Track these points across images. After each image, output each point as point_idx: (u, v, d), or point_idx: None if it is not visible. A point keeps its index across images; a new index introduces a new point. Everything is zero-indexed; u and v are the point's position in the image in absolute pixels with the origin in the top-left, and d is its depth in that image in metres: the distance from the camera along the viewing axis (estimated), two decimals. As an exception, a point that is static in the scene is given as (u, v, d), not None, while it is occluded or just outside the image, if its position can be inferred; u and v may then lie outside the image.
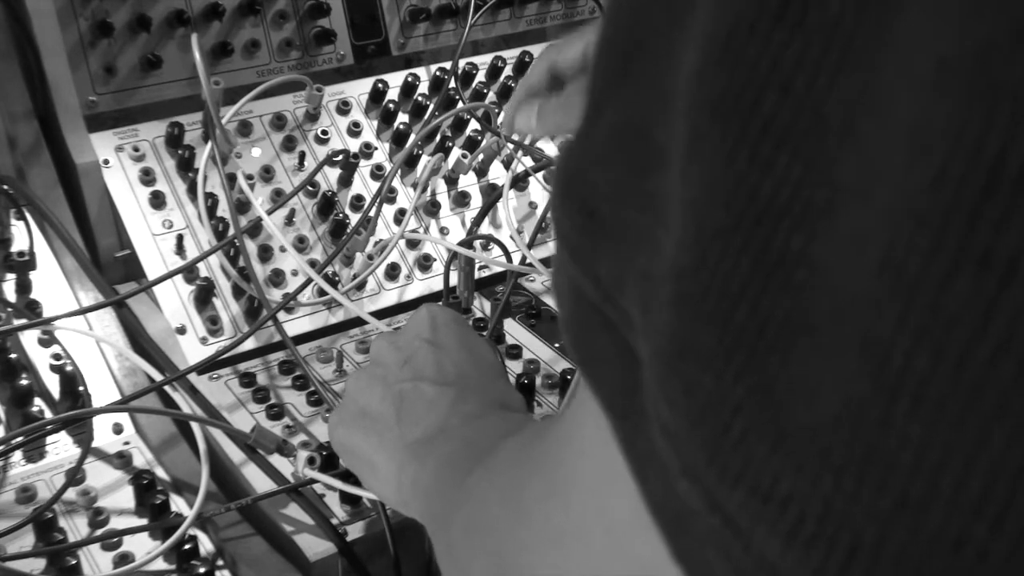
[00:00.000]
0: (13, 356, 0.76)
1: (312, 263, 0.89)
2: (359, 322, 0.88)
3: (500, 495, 0.40)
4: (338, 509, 0.71)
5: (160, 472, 0.73)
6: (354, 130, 1.00)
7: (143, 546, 0.67)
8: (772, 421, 0.19)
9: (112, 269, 0.90)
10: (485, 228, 0.98)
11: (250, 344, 0.84)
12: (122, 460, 0.73)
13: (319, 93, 0.97)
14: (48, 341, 0.79)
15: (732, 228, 0.20)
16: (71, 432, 0.74)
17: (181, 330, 0.84)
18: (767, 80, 0.19)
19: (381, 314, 0.90)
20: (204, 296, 0.86)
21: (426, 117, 1.02)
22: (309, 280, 0.86)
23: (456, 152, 1.01)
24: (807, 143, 0.19)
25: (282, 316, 0.85)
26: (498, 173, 1.03)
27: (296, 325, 0.87)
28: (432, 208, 0.98)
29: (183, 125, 0.92)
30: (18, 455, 0.72)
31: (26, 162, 0.89)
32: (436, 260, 0.96)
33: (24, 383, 0.74)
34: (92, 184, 0.89)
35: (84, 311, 0.81)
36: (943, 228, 0.16)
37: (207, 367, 0.81)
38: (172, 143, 0.92)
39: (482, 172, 1.02)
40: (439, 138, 1.01)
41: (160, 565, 0.66)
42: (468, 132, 1.04)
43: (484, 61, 1.10)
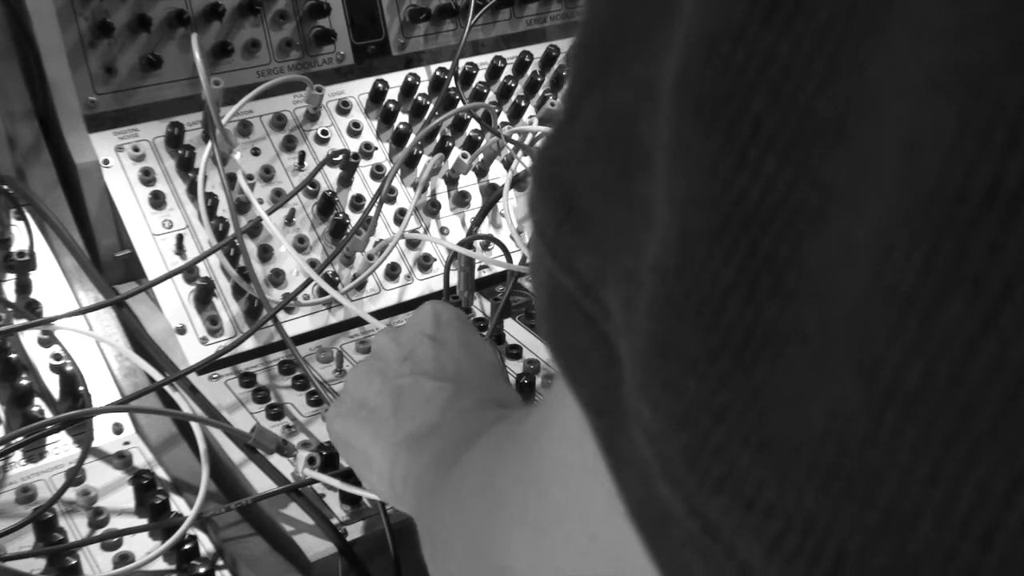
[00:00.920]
0: (13, 356, 0.76)
1: (312, 263, 0.89)
2: (359, 322, 0.88)
3: (478, 479, 0.40)
4: (338, 509, 0.71)
5: (160, 472, 0.73)
6: (354, 130, 1.00)
7: (143, 546, 0.67)
8: (756, 428, 0.19)
9: (112, 269, 0.90)
10: (485, 228, 0.98)
11: (250, 344, 0.84)
12: (122, 460, 0.73)
13: (319, 93, 0.97)
14: (48, 341, 0.79)
15: (719, 230, 0.20)
16: (71, 432, 0.74)
17: (181, 330, 0.84)
18: (755, 83, 0.19)
19: (381, 314, 0.90)
20: (204, 296, 0.86)
21: (426, 117, 1.02)
22: (309, 280, 0.86)
23: (456, 152, 1.01)
24: (797, 147, 0.19)
25: (282, 316, 0.85)
26: (498, 173, 1.03)
27: (296, 325, 0.87)
28: (432, 208, 0.98)
29: (183, 125, 0.92)
30: (18, 455, 0.72)
31: (26, 162, 0.89)
32: (436, 260, 0.96)
33: (24, 383, 0.74)
34: (92, 184, 0.89)
35: (84, 311, 0.81)
36: (937, 245, 0.16)
37: (207, 367, 0.81)
38: (172, 143, 0.92)
39: (482, 172, 1.03)
40: (439, 138, 1.01)
41: (160, 565, 0.66)
42: (468, 132, 1.04)
43: (484, 61, 1.10)
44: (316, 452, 0.71)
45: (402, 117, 1.02)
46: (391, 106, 1.02)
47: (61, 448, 0.74)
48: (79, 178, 0.89)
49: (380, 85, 1.02)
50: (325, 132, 0.98)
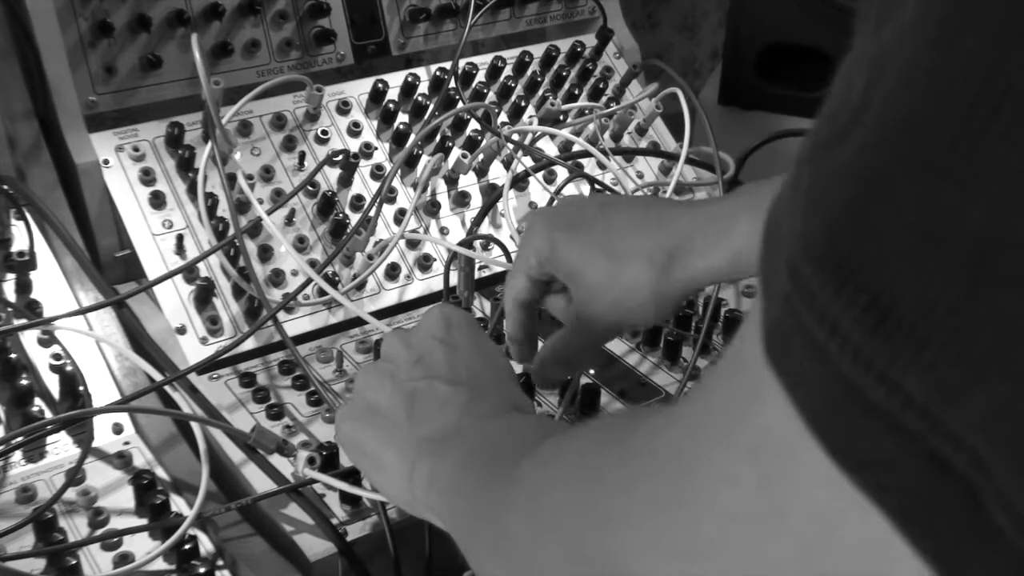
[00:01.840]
0: (13, 356, 0.76)
1: (312, 263, 0.89)
2: (359, 322, 0.88)
3: (573, 488, 0.40)
4: (338, 509, 0.71)
5: (160, 472, 0.73)
6: (354, 130, 1.00)
7: (143, 546, 0.67)
8: None
9: (112, 269, 0.90)
10: (485, 228, 0.98)
11: (250, 344, 0.84)
12: (122, 460, 0.73)
13: (319, 93, 0.97)
14: (48, 341, 0.79)
15: None
16: (71, 432, 0.74)
17: (181, 330, 0.84)
18: None
19: (381, 314, 0.90)
20: (204, 296, 0.86)
21: (426, 117, 1.02)
22: (309, 280, 0.86)
23: (456, 152, 1.01)
24: None
25: (282, 316, 0.85)
26: (498, 173, 1.03)
27: (296, 325, 0.87)
28: (432, 208, 0.98)
29: (183, 125, 0.92)
30: (18, 455, 0.72)
31: (26, 162, 0.89)
32: (436, 260, 0.96)
33: (24, 383, 0.74)
34: (92, 184, 0.89)
35: (84, 311, 0.81)
36: None
37: (207, 367, 0.81)
38: (172, 143, 0.92)
39: (482, 172, 1.03)
40: (439, 138, 1.01)
41: (160, 565, 0.66)
42: (468, 132, 1.04)
43: (484, 61, 1.10)
44: (316, 452, 0.71)
45: (402, 117, 1.02)
46: (391, 106, 1.02)
47: (61, 448, 0.74)
48: (79, 178, 0.89)
49: (380, 85, 1.02)
50: (325, 132, 0.98)
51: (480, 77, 1.09)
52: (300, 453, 0.71)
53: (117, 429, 0.76)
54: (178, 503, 0.71)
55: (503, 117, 1.07)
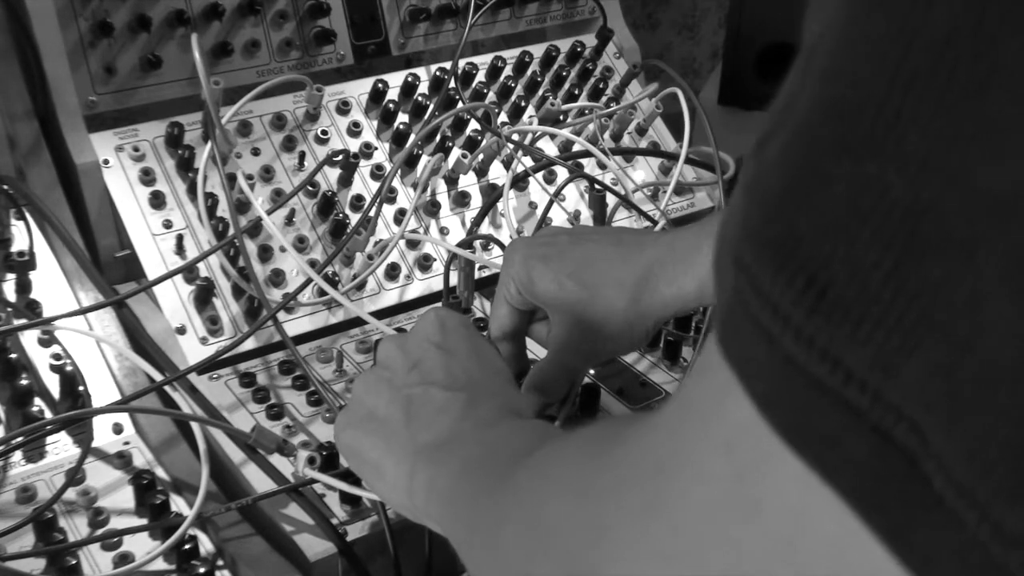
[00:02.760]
0: (13, 356, 0.76)
1: (312, 263, 0.89)
2: (359, 322, 0.88)
3: (566, 499, 0.40)
4: (338, 509, 0.71)
5: (160, 472, 0.73)
6: (354, 130, 1.00)
7: (143, 546, 0.67)
8: None
9: (112, 269, 0.90)
10: (485, 228, 0.98)
11: (250, 344, 0.84)
12: (122, 460, 0.73)
13: (319, 93, 0.97)
14: (48, 341, 0.79)
15: None
16: (71, 432, 0.74)
17: (181, 330, 0.84)
18: None
19: (381, 314, 0.90)
20: (204, 296, 0.86)
21: (426, 117, 1.02)
22: (309, 280, 0.86)
23: (456, 152, 1.01)
24: None
25: (282, 316, 0.85)
26: (498, 173, 1.03)
27: (296, 325, 0.87)
28: (432, 208, 0.98)
29: (183, 125, 0.92)
30: (18, 455, 0.72)
31: (26, 162, 0.89)
32: (436, 260, 0.96)
33: (24, 383, 0.74)
34: (92, 184, 0.89)
35: (84, 311, 0.81)
36: None
37: (207, 367, 0.81)
38: (172, 143, 0.92)
39: (482, 172, 1.03)
40: (439, 138, 1.01)
41: (160, 565, 0.66)
42: (468, 132, 1.04)
43: (484, 61, 1.10)
44: (316, 452, 0.71)
45: (402, 117, 1.02)
46: (391, 106, 1.02)
47: (61, 448, 0.74)
48: (79, 178, 0.89)
49: (380, 85, 1.02)
50: (325, 132, 0.98)
51: (480, 77, 1.09)
52: (300, 453, 0.71)
53: (117, 429, 0.76)
54: (178, 503, 0.71)
55: (503, 117, 1.08)
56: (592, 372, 0.84)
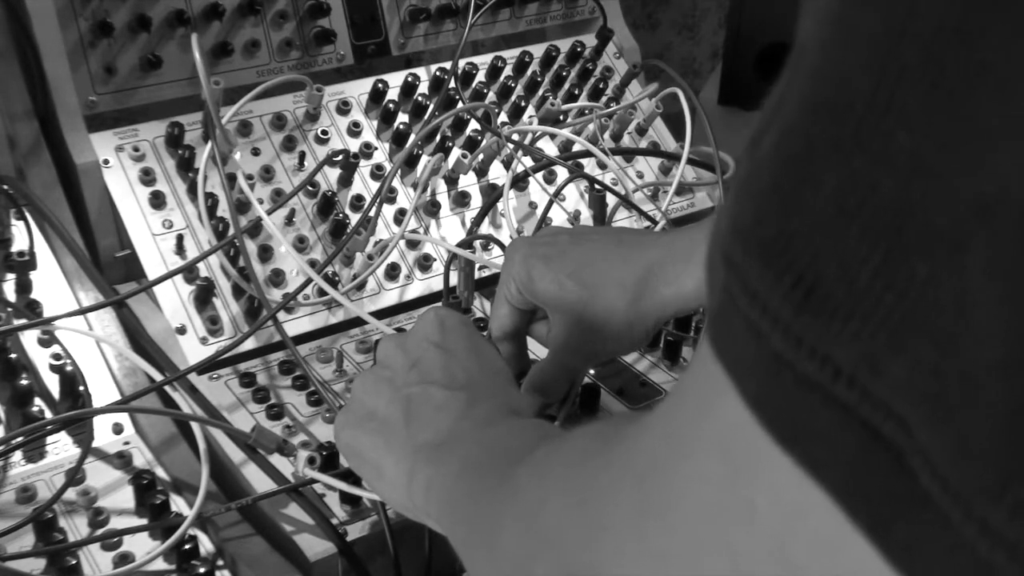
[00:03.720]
0: (13, 356, 0.76)
1: (312, 263, 0.89)
2: (359, 322, 0.88)
3: (565, 500, 0.40)
4: (338, 509, 0.71)
5: (160, 472, 0.73)
6: (354, 130, 1.00)
7: (143, 546, 0.67)
8: None
9: (112, 269, 0.90)
10: (485, 228, 0.98)
11: (250, 344, 0.84)
12: (122, 460, 0.73)
13: (319, 93, 0.97)
14: (48, 341, 0.79)
15: None
16: (71, 432, 0.74)
17: (181, 330, 0.84)
18: None
19: (381, 314, 0.90)
20: (204, 296, 0.86)
21: (426, 117, 1.02)
22: (309, 280, 0.86)
23: (456, 152, 1.01)
24: None
25: (282, 316, 0.85)
26: (498, 173, 1.03)
27: (296, 325, 0.87)
28: (432, 208, 0.98)
29: (183, 125, 0.92)
30: (18, 455, 0.72)
31: (26, 162, 0.89)
32: (436, 260, 0.96)
33: (24, 383, 0.74)
34: (92, 184, 0.89)
35: (84, 311, 0.81)
36: None
37: (207, 367, 0.81)
38: (172, 143, 0.92)
39: (482, 172, 1.03)
40: (439, 138, 1.01)
41: (160, 565, 0.66)
42: (468, 132, 1.04)
43: (484, 61, 1.10)
44: (316, 452, 0.71)
45: (402, 117, 1.02)
46: (391, 106, 1.02)
47: (61, 448, 0.74)
48: (79, 178, 0.89)
49: (380, 85, 1.02)
50: (325, 132, 0.98)
51: (480, 77, 1.09)
52: (300, 453, 0.71)
53: (117, 429, 0.76)
54: (178, 503, 0.71)
55: (503, 117, 1.08)
56: (592, 372, 0.84)
